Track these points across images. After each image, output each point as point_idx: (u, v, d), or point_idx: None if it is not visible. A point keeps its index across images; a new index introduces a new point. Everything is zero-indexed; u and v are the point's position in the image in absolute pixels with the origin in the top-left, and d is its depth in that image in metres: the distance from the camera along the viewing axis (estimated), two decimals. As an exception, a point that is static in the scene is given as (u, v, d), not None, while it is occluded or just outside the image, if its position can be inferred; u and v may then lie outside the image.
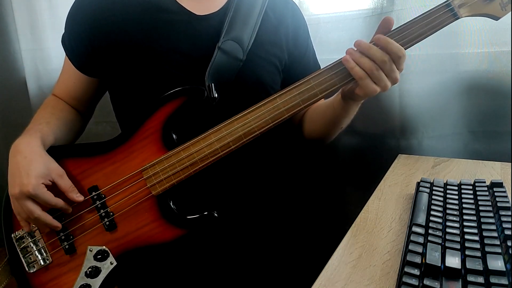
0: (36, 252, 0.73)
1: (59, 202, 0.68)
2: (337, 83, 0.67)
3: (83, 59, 0.81)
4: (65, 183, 0.69)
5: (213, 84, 0.71)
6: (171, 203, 0.70)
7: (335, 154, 1.11)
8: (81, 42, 0.79)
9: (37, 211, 0.67)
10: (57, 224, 0.70)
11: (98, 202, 0.71)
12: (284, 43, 0.83)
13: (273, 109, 0.67)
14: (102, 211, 0.71)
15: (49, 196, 0.67)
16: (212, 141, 0.68)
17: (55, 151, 0.73)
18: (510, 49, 0.87)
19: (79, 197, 0.70)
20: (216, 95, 0.71)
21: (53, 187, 0.68)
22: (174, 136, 0.71)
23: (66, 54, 0.83)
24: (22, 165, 0.67)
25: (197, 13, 0.77)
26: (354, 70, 0.64)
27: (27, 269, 0.73)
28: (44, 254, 0.73)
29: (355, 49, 0.65)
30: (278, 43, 0.82)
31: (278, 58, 0.81)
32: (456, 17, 0.66)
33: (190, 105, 0.70)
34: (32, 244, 0.73)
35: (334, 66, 0.67)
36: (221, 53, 0.73)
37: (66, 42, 0.82)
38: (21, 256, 0.73)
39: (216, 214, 0.69)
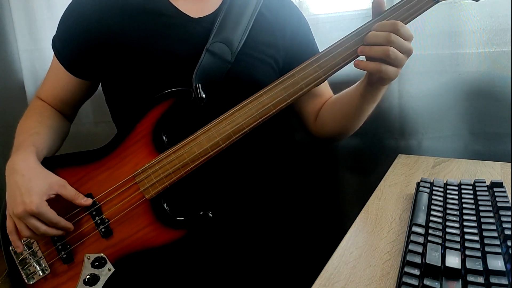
0: (34, 263, 0.73)
1: (61, 220, 0.68)
2: (321, 75, 0.67)
3: (75, 61, 0.81)
4: (69, 192, 0.69)
5: (200, 85, 0.71)
6: (165, 206, 0.70)
7: (335, 154, 1.11)
8: (74, 44, 0.79)
9: (43, 226, 0.67)
10: (61, 232, 0.70)
11: (92, 210, 0.71)
12: (280, 42, 0.82)
13: (259, 105, 0.68)
14: (97, 218, 0.71)
15: (52, 214, 0.67)
16: (202, 141, 0.68)
17: (48, 162, 0.73)
18: (510, 49, 0.86)
19: (87, 201, 0.70)
20: (204, 95, 0.71)
21: (54, 202, 0.68)
22: (164, 138, 0.71)
23: (56, 56, 0.83)
24: (22, 184, 0.67)
25: (192, 16, 0.77)
26: (368, 67, 0.64)
27: (26, 281, 0.73)
28: (43, 264, 0.73)
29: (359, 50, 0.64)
30: (273, 43, 0.81)
31: (273, 58, 0.81)
32: (435, 0, 0.65)
33: (178, 107, 0.70)
34: (30, 256, 0.73)
35: (317, 59, 0.67)
36: (208, 54, 0.73)
37: (57, 44, 0.82)
38: (19, 268, 0.73)
39: (210, 214, 0.69)
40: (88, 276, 0.70)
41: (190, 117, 0.72)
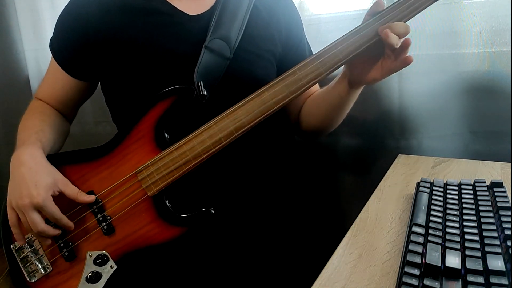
0: (36, 261, 0.73)
1: (63, 218, 0.69)
2: (323, 73, 0.67)
3: (72, 62, 0.81)
4: (72, 190, 0.70)
5: (201, 82, 0.71)
6: (167, 203, 0.71)
7: (335, 154, 1.11)
8: (71, 44, 0.79)
9: (42, 224, 0.67)
10: (58, 231, 0.70)
11: (95, 207, 0.71)
12: (276, 36, 0.83)
13: (261, 103, 0.68)
14: (99, 215, 0.71)
15: (56, 210, 0.67)
16: (204, 138, 0.69)
17: (50, 160, 0.73)
18: (510, 49, 0.87)
19: (90, 197, 0.70)
20: (205, 92, 0.71)
21: (57, 200, 0.69)
22: (166, 135, 0.71)
23: (53, 57, 0.83)
24: (28, 176, 0.67)
25: (189, 13, 0.77)
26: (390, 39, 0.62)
27: (28, 279, 0.73)
28: (44, 262, 0.73)
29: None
30: (270, 37, 0.82)
31: (271, 52, 0.81)
32: None
33: (180, 104, 0.71)
34: (31, 254, 0.73)
35: (319, 56, 0.67)
36: (208, 52, 0.73)
37: (55, 45, 0.82)
38: (21, 266, 0.73)
39: (213, 211, 0.69)
40: (90, 274, 0.70)
41: (192, 114, 0.72)
